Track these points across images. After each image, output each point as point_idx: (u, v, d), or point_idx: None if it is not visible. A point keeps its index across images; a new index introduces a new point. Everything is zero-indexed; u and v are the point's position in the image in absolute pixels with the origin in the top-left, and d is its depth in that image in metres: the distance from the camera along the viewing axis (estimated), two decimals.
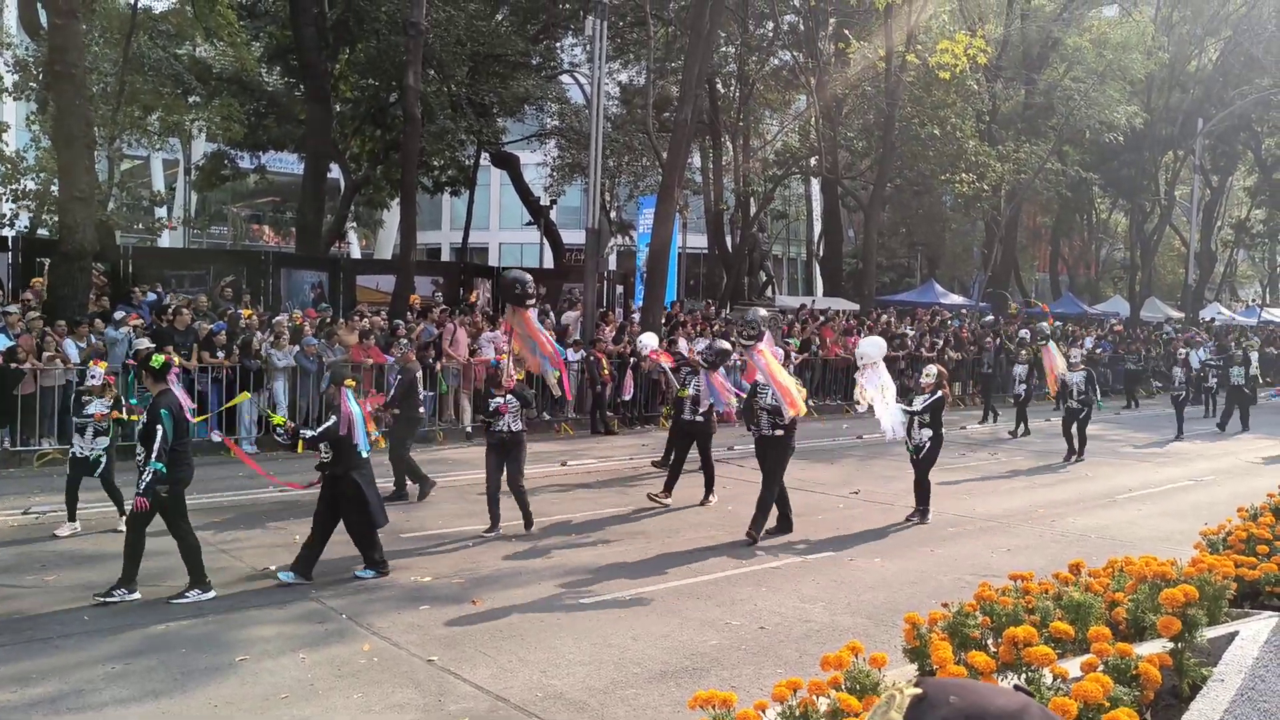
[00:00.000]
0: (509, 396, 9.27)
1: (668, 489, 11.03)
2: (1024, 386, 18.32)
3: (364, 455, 7.84)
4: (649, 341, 13.93)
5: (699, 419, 11.33)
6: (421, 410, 12.34)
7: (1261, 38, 34.79)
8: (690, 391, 11.42)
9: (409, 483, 11.06)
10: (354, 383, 8.43)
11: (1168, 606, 4.60)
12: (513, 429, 9.25)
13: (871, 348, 10.69)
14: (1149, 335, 31.39)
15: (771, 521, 9.70)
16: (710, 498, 11.28)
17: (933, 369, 10.72)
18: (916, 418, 10.33)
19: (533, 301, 9.65)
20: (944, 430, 10.60)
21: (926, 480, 10.45)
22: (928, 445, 10.36)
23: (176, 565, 7.97)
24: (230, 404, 13.04)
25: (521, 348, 9.80)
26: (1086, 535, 9.82)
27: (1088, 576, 5.73)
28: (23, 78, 21.22)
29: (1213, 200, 42.71)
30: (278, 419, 9.05)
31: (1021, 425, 18.24)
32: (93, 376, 9.25)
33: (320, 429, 7.96)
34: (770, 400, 9.43)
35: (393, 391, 11.33)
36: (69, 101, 14.37)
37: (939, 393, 10.46)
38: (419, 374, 12.07)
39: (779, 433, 9.52)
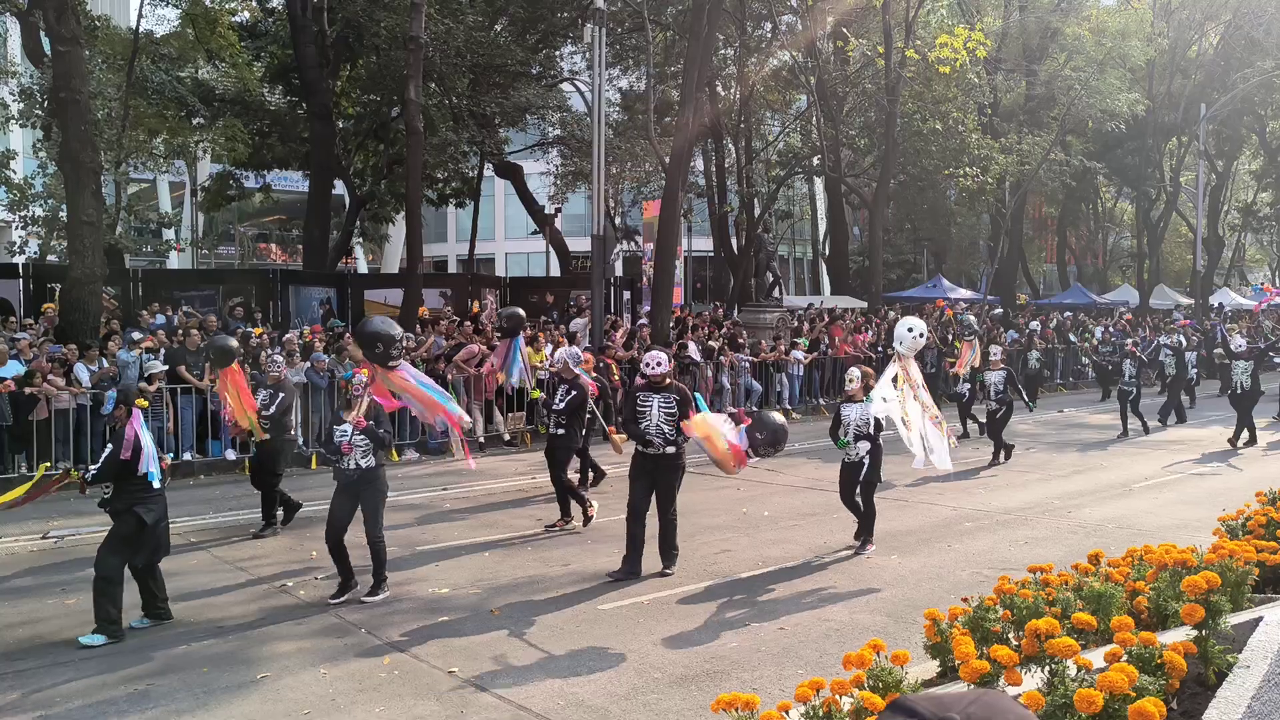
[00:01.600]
0: (356, 435, 7.64)
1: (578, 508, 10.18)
2: (966, 385, 17.03)
3: (156, 486, 6.91)
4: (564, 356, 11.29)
5: (559, 432, 10.32)
6: (292, 434, 11.19)
7: (1262, 20, 34.67)
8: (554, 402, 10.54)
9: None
10: (146, 403, 7.66)
11: (1190, 594, 4.57)
12: (361, 465, 7.69)
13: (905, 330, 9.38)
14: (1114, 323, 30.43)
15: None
16: (568, 520, 10.07)
17: (856, 372, 9.16)
18: (852, 428, 8.86)
19: (396, 359, 8.02)
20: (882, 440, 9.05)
21: (871, 504, 8.96)
22: (866, 460, 8.82)
23: (190, 585, 8.01)
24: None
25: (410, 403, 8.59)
26: (1104, 525, 9.77)
27: (1107, 566, 5.71)
28: (28, 105, 21.41)
29: (1218, 185, 42.51)
30: (41, 470, 8.28)
31: (961, 425, 17.26)
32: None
33: (100, 464, 6.91)
34: (659, 420, 8.16)
35: (270, 412, 10.08)
36: (74, 127, 14.47)
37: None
38: (296, 398, 11.57)
39: (670, 450, 8.19)
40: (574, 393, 10.26)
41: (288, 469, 10.78)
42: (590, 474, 11.75)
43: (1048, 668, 4.08)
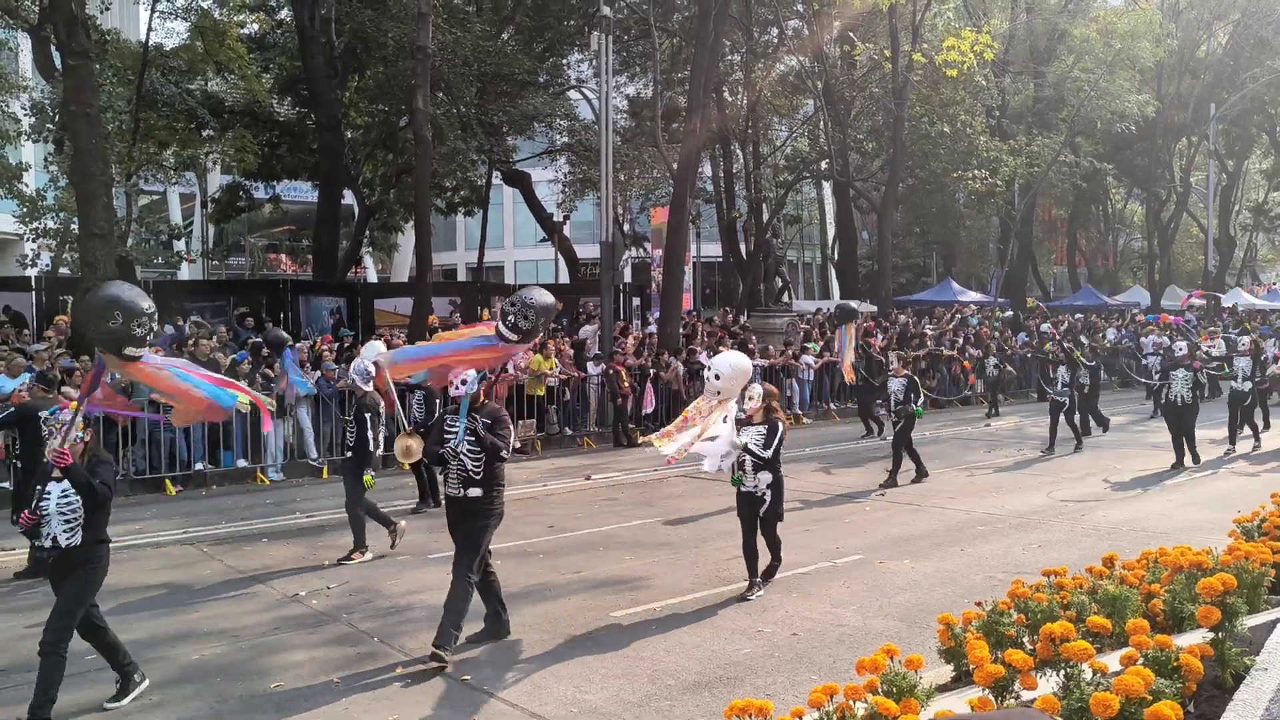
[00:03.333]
0: (55, 490, 5.52)
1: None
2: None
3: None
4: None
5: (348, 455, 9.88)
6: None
7: (1271, 19, 34.55)
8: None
9: None
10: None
11: (1206, 596, 4.54)
12: (62, 542, 5.49)
13: (727, 368, 7.95)
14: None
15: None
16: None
17: (757, 389, 7.92)
18: (748, 458, 7.68)
19: (139, 346, 5.82)
20: (784, 474, 7.94)
21: (776, 543, 7.90)
22: (768, 496, 7.73)
23: (203, 595, 8.02)
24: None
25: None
26: (1118, 528, 9.72)
27: (1122, 569, 5.67)
28: (40, 119, 21.56)
29: (1229, 185, 42.34)
30: None
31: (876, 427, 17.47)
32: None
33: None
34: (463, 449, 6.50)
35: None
36: (85, 141, 14.56)
37: (778, 423, 7.79)
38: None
39: (474, 492, 6.48)
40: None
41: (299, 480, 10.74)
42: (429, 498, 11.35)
43: (1063, 671, 4.06)
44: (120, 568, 9.00)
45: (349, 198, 26.85)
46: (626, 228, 32.64)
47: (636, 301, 25.83)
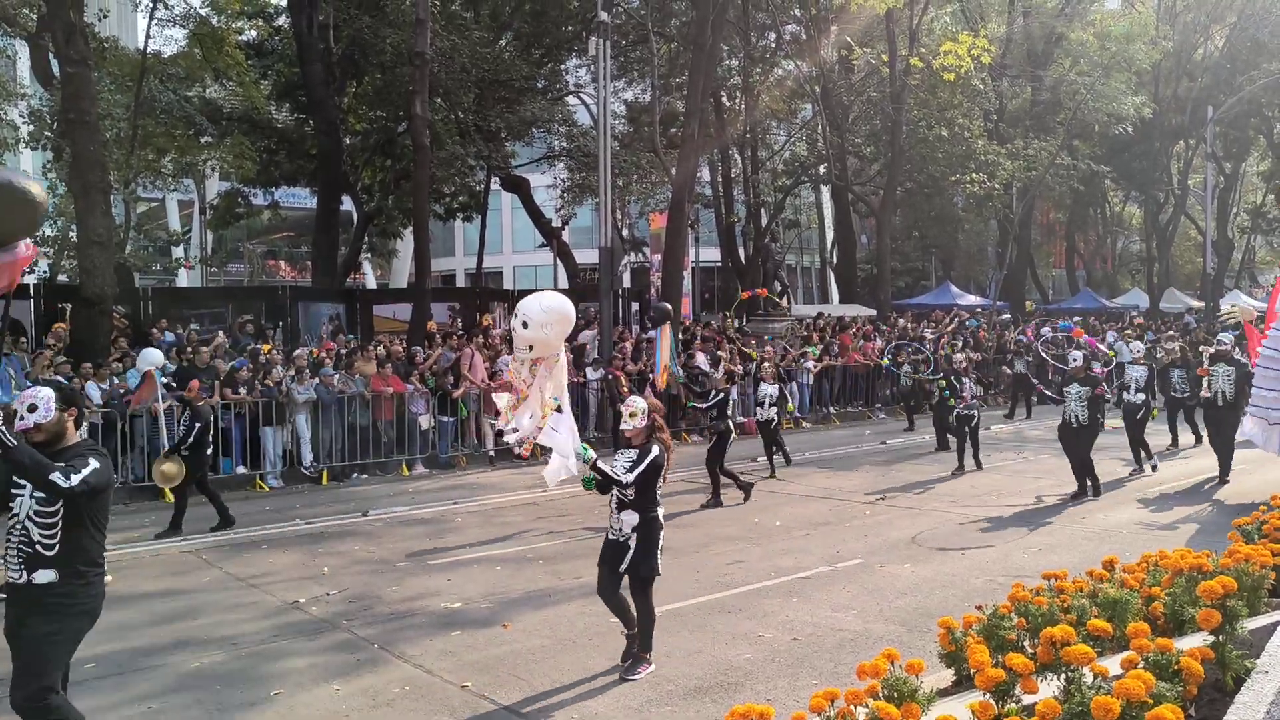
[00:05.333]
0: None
1: None
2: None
3: None
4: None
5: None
6: None
7: (1268, 22, 34.60)
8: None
9: None
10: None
11: (1206, 599, 4.54)
12: (34, 579, 4.42)
13: (538, 311, 6.02)
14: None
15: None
16: None
17: (640, 404, 6.30)
18: (618, 492, 6.10)
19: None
20: (660, 512, 6.21)
21: (645, 604, 6.13)
22: (634, 542, 6.04)
23: (202, 603, 8.02)
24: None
25: None
26: (1117, 531, 9.72)
27: (1122, 572, 5.67)
28: (38, 127, 21.56)
29: (1227, 187, 42.36)
30: None
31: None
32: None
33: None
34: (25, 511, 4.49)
35: None
36: (84, 148, 14.57)
37: (652, 449, 6.10)
38: None
39: (39, 579, 4.46)
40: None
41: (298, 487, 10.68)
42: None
43: (1064, 675, 4.06)
44: (120, 576, 9.01)
45: (347, 204, 26.87)
46: (625, 233, 32.65)
47: (636, 306, 25.83)
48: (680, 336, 19.62)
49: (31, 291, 17.83)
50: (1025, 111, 33.04)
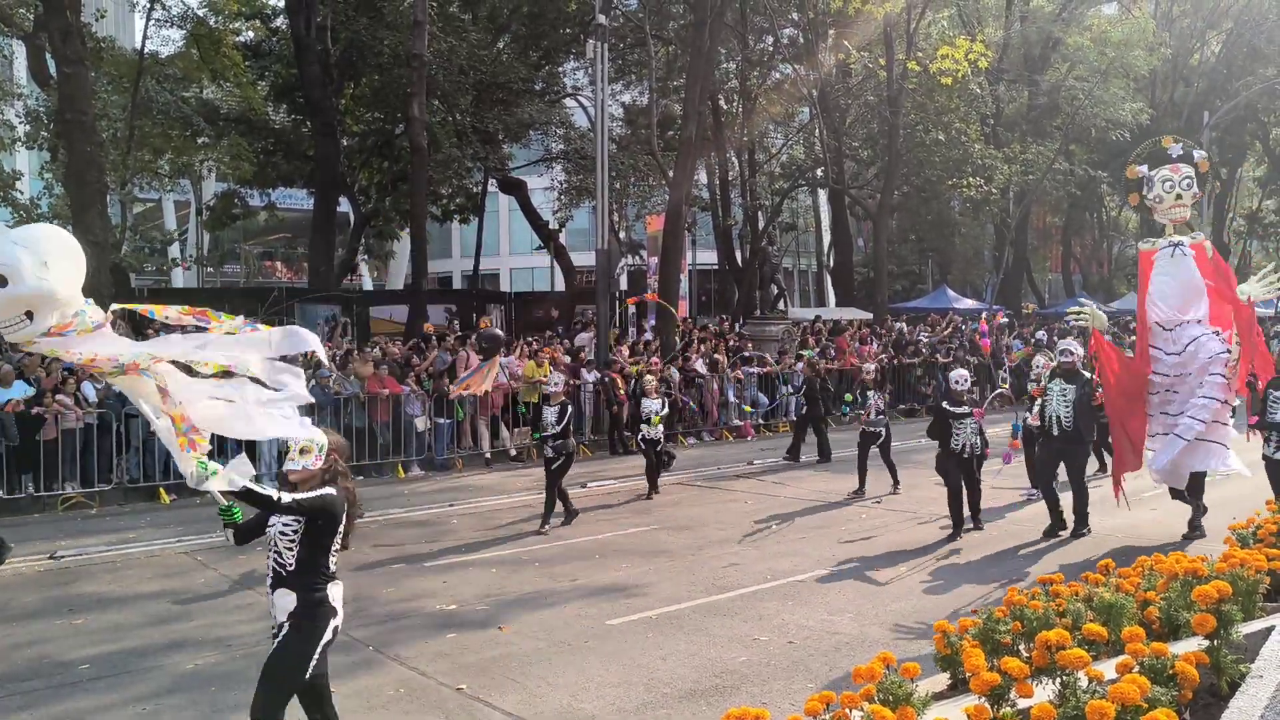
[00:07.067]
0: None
1: None
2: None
3: None
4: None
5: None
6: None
7: (1263, 28, 34.72)
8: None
9: None
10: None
11: (1201, 603, 4.55)
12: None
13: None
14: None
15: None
16: None
17: (318, 439, 4.40)
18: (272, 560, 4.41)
19: None
20: (333, 593, 4.47)
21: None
22: (285, 634, 4.41)
23: (197, 604, 7.99)
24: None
25: None
26: (1112, 535, 9.73)
27: (1118, 577, 5.68)
28: (34, 127, 21.55)
29: (1223, 192, 42.44)
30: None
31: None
32: None
33: None
34: None
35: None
36: (80, 149, 14.56)
37: (326, 496, 4.29)
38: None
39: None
40: None
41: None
42: None
43: (1059, 679, 4.06)
44: (115, 577, 9.00)
45: (344, 205, 26.86)
46: (622, 235, 32.66)
47: (633, 309, 25.83)
48: (678, 340, 19.66)
49: None
50: (1022, 116, 33.10)
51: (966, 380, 10.19)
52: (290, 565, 4.26)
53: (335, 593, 4.39)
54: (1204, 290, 9.77)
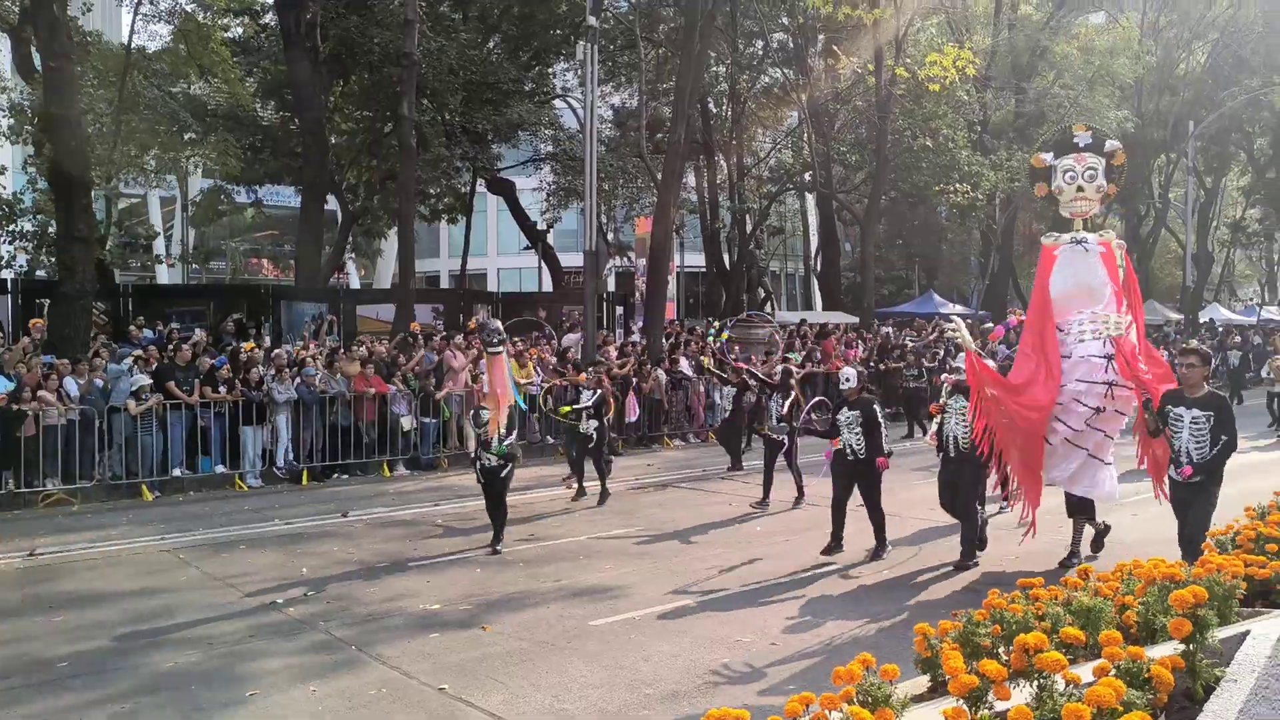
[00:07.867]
0: None
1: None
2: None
3: None
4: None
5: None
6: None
7: (1249, 39, 35.01)
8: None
9: None
10: None
11: (1178, 608, 4.58)
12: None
13: None
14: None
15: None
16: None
17: None
18: None
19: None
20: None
21: None
22: None
23: (178, 602, 7.96)
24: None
25: None
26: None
27: (1097, 581, 5.71)
28: (19, 121, 21.38)
29: (1207, 201, 42.80)
30: None
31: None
32: None
33: None
34: None
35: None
36: (65, 144, 14.46)
37: None
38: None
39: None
40: None
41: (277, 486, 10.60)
42: None
43: (1036, 682, 4.08)
44: (96, 574, 8.95)
45: (332, 203, 26.78)
46: (610, 237, 32.69)
47: (620, 310, 25.84)
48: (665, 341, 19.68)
49: (9, 287, 17.69)
50: (1009, 123, 33.27)
51: (854, 379, 9.70)
52: None
53: None
54: (1107, 295, 8.65)
